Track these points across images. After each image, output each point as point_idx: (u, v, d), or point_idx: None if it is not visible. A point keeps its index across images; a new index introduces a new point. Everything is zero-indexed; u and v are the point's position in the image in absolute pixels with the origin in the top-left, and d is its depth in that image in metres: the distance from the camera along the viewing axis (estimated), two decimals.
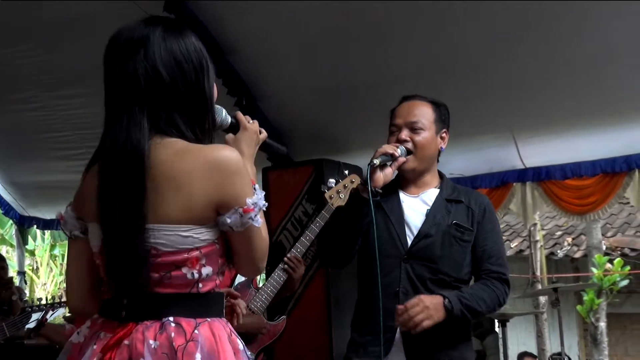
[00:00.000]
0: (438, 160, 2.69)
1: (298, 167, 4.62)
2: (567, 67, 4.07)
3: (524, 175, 4.89)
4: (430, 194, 2.58)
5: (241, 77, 4.67)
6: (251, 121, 1.78)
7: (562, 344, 4.86)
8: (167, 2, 4.08)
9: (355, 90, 4.44)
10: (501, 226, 11.46)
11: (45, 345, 4.66)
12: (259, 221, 1.55)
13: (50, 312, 4.20)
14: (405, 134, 2.52)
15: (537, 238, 9.54)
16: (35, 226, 7.45)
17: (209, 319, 1.53)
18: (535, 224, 9.05)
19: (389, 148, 2.45)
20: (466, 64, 4.18)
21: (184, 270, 1.51)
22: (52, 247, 13.92)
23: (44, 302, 4.18)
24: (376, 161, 2.41)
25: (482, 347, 6.07)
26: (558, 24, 3.78)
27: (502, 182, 4.96)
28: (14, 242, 8.16)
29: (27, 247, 8.37)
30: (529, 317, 9.79)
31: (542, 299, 8.96)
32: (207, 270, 1.54)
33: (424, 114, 2.57)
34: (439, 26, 3.95)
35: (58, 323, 5.47)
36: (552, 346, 9.28)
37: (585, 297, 9.08)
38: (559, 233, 11.42)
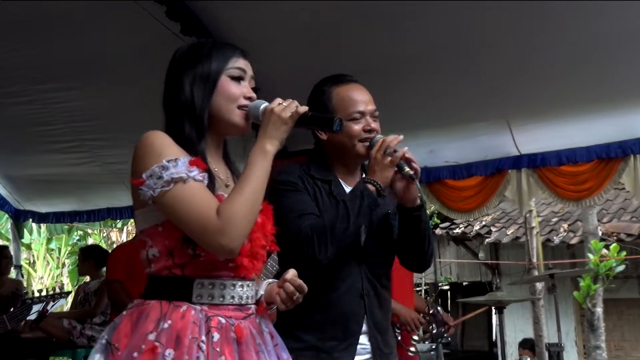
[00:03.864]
0: None
1: (293, 158, 4.60)
2: (561, 54, 4.06)
3: (519, 162, 4.90)
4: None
5: None
6: (281, 102, 1.75)
7: (559, 330, 4.87)
8: None
9: None
10: (497, 213, 11.63)
11: (42, 338, 4.66)
12: (157, 191, 1.57)
13: (51, 304, 4.19)
14: (374, 125, 2.29)
15: (533, 225, 9.56)
16: (30, 220, 7.44)
17: (152, 302, 1.62)
18: (531, 211, 9.07)
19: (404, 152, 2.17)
20: (460, 52, 4.16)
21: (141, 251, 1.69)
22: (49, 240, 13.91)
23: (44, 293, 4.17)
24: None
25: None
26: (552, 11, 3.76)
27: (497, 169, 4.97)
28: (10, 236, 8.15)
29: (23, 240, 8.38)
30: (526, 304, 9.81)
31: (539, 286, 8.97)
32: (153, 251, 1.66)
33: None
34: (433, 14, 3.93)
35: (57, 313, 5.48)
36: (549, 332, 9.31)
37: (582, 283, 9.10)
38: (555, 219, 11.43)
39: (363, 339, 2.26)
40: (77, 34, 4.46)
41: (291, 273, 1.79)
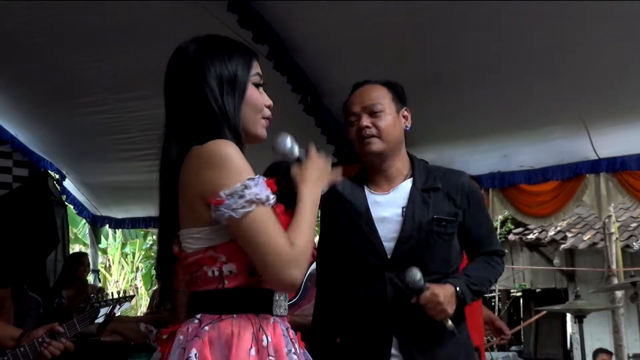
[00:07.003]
0: (406, 143, 2.45)
1: (355, 164, 4.58)
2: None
3: (597, 166, 4.76)
4: (404, 188, 2.35)
5: (306, 74, 4.67)
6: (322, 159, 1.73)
7: None
8: (231, 2, 4.09)
9: (419, 85, 4.37)
10: (572, 218, 11.31)
11: (121, 342, 4.78)
12: (239, 212, 1.46)
13: (118, 307, 4.28)
14: (366, 121, 2.31)
15: (612, 230, 9.24)
16: (107, 225, 7.66)
17: (235, 315, 1.53)
18: (609, 216, 8.79)
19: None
20: (535, 55, 4.08)
21: (205, 268, 1.55)
22: (123, 245, 14.28)
23: (110, 297, 4.28)
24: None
25: None
26: (629, 11, 3.65)
27: (575, 173, 4.84)
28: (87, 241, 8.39)
29: (99, 245, 8.61)
30: (603, 312, 9.50)
31: (619, 294, 8.69)
32: (229, 267, 1.54)
33: (380, 96, 2.36)
34: (506, 18, 3.86)
35: (134, 317, 5.60)
36: (628, 341, 9.00)
37: None
38: (634, 225, 11.05)
39: (397, 352, 2.23)
40: (152, 44, 4.56)
41: None
